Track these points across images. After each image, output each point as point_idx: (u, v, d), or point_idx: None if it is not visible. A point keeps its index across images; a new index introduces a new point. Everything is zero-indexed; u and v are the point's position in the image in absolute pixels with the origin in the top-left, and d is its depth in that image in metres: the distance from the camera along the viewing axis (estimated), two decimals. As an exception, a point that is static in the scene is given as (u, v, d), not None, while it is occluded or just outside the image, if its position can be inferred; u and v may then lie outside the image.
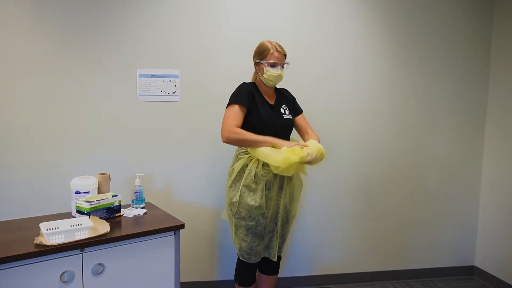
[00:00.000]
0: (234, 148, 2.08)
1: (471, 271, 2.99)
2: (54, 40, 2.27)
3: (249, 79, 2.10)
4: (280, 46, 1.96)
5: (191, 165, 2.51)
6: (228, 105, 1.95)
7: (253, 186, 1.90)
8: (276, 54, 1.92)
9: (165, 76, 2.42)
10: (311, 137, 2.04)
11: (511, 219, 2.68)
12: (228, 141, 1.90)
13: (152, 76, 2.41)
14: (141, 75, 2.39)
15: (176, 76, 2.43)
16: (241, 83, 2.02)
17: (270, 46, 1.93)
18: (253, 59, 2.01)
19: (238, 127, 1.89)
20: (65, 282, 1.41)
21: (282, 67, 1.96)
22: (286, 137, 2.02)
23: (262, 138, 1.86)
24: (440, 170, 2.87)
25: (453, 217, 2.93)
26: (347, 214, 2.75)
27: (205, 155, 2.51)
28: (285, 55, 1.97)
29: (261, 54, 1.95)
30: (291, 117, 2.06)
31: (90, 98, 2.35)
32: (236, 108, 1.91)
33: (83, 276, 1.45)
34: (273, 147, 1.85)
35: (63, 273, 1.40)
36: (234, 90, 1.98)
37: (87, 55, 2.32)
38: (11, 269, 1.30)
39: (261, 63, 1.94)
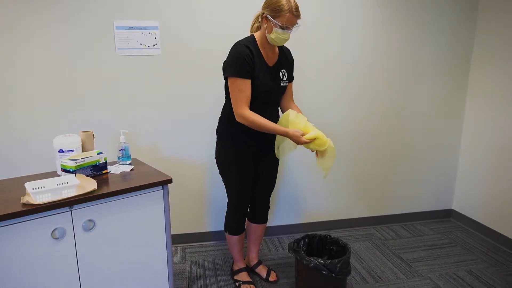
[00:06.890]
0: (221, 102, 2.04)
1: (448, 214, 3.16)
2: (21, -10, 2.11)
3: (234, 33, 1.97)
4: (297, 9, 1.73)
5: (176, 120, 2.48)
6: (229, 76, 1.79)
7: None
8: (291, 18, 1.71)
9: (144, 28, 2.30)
10: (295, 110, 1.98)
11: (489, 165, 2.79)
12: (241, 123, 1.83)
13: (130, 28, 2.29)
14: (118, 27, 2.27)
15: (155, 28, 2.32)
16: (236, 43, 1.82)
17: (287, 7, 1.70)
18: (262, 9, 1.79)
19: (248, 103, 1.80)
20: (57, 238, 1.43)
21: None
22: (277, 101, 1.99)
23: (272, 127, 1.82)
24: (423, 118, 2.92)
25: (433, 164, 3.03)
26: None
27: (190, 109, 2.48)
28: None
29: (274, 10, 1.72)
30: (286, 84, 1.99)
31: (66, 54, 2.24)
32: (239, 83, 1.77)
33: (74, 232, 1.48)
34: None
35: (54, 230, 1.42)
36: (231, 54, 1.79)
37: (59, 5, 2.18)
38: (1, 229, 1.31)
39: (271, 21, 1.74)
